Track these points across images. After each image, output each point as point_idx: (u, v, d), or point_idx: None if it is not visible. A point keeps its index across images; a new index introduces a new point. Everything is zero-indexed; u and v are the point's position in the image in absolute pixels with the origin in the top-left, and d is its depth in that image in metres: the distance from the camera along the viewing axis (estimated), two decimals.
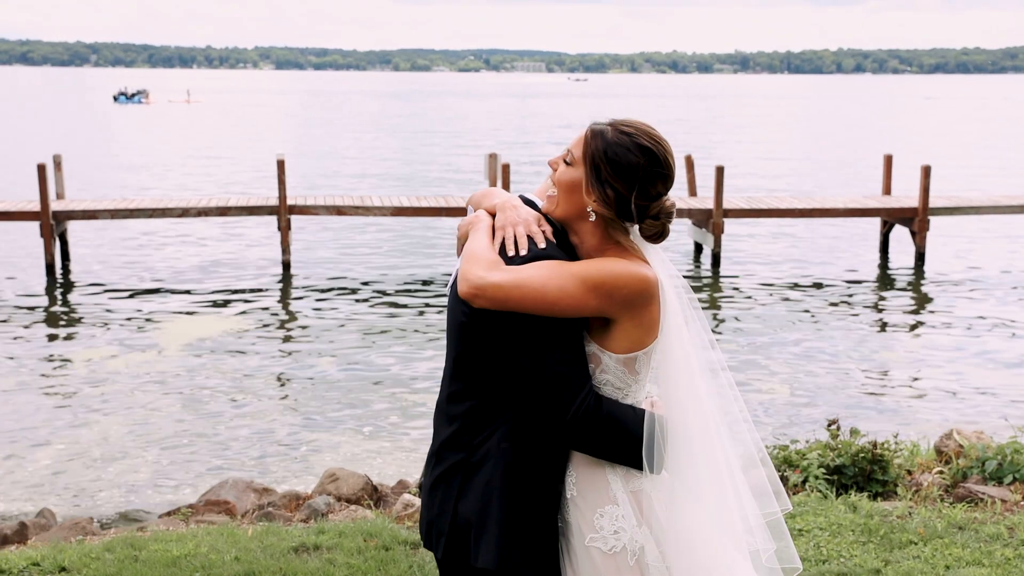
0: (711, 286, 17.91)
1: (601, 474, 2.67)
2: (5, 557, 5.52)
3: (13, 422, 10.82)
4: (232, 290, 17.27)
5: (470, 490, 2.66)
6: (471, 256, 2.63)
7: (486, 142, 48.31)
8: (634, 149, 2.63)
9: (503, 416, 2.66)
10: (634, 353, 2.66)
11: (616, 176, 2.63)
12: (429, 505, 2.75)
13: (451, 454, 2.71)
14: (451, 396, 2.75)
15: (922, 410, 11.40)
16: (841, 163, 41.33)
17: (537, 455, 2.66)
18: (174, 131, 58.88)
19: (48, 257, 17.83)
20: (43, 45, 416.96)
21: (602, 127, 2.69)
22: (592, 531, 2.65)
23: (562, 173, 2.71)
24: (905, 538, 5.59)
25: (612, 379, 2.67)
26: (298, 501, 7.14)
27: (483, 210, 2.84)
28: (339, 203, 18.82)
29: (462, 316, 2.68)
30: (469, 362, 2.70)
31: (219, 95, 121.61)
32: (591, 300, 2.57)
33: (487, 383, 2.67)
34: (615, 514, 2.64)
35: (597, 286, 2.57)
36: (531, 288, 2.53)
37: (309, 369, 12.84)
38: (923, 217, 18.85)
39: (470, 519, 2.65)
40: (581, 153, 2.68)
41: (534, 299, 2.53)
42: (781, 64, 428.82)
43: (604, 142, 2.65)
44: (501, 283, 2.53)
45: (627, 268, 2.62)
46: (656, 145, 2.66)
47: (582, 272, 2.58)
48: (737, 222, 21.34)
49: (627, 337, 2.64)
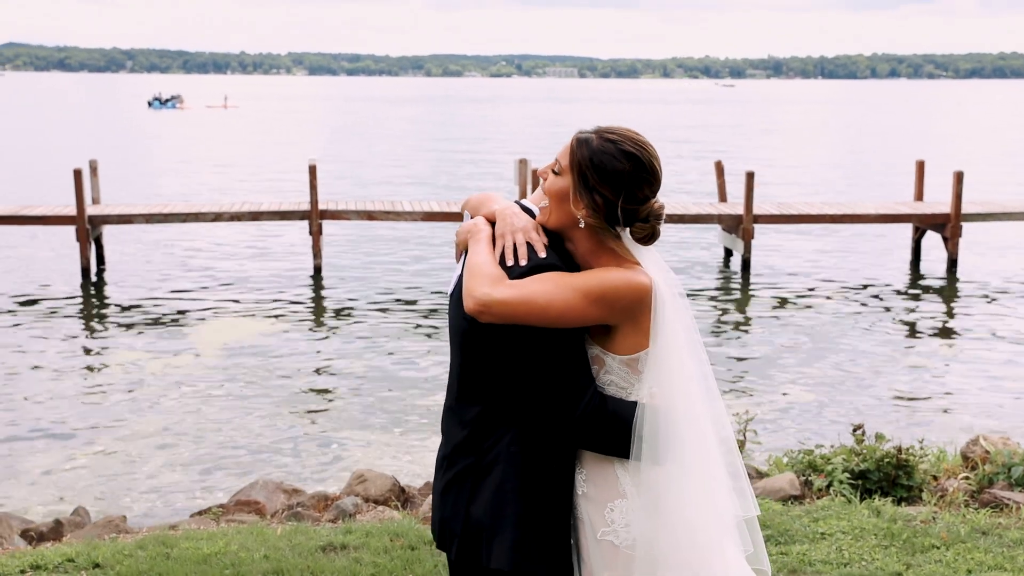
0: (741, 292, 17.90)
1: (610, 469, 2.73)
2: (41, 553, 5.65)
3: (50, 423, 11.00)
4: (264, 293, 17.44)
5: (481, 493, 2.73)
6: (474, 270, 2.69)
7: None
8: (619, 155, 2.69)
9: (511, 420, 2.72)
10: (636, 354, 2.73)
11: (602, 183, 2.69)
12: (442, 507, 2.83)
13: (462, 458, 2.78)
14: (459, 401, 2.82)
15: (949, 416, 11.36)
16: (873, 169, 41.10)
17: (546, 456, 2.73)
18: (208, 136, 59.37)
19: (84, 261, 18.08)
20: (80, 52, 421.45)
21: (587, 135, 2.75)
22: (604, 525, 2.72)
23: (551, 183, 2.78)
24: (928, 542, 5.62)
25: (616, 379, 2.74)
26: (326, 502, 7.23)
27: (482, 217, 2.88)
28: (370, 208, 18.98)
29: (465, 324, 2.75)
30: (474, 368, 2.77)
31: (254, 101, 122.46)
32: (593, 311, 2.65)
33: (493, 388, 2.74)
34: (625, 508, 2.71)
35: (598, 298, 2.64)
36: (536, 304, 2.60)
37: (340, 371, 12.97)
38: (955, 223, 18.75)
39: (482, 521, 2.72)
40: (568, 162, 2.74)
41: (539, 314, 2.61)
42: (815, 69, 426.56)
43: (589, 150, 2.71)
44: (506, 300, 2.60)
45: (624, 278, 2.68)
46: (640, 150, 2.71)
47: (583, 285, 2.65)
48: (767, 228, 21.29)
49: (628, 340, 2.72)
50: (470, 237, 2.83)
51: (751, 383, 12.44)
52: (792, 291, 17.87)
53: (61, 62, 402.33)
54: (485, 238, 2.79)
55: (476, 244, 2.78)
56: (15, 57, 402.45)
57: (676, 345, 2.73)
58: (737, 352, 13.97)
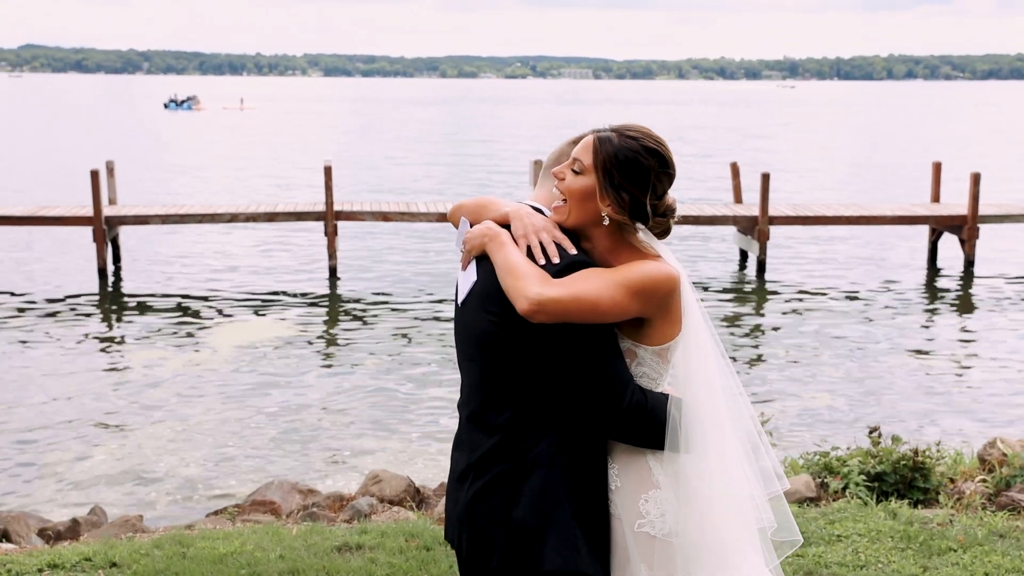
0: (756, 293, 17.86)
1: (643, 461, 2.74)
2: (59, 552, 5.68)
3: (67, 423, 11.05)
4: (280, 294, 17.49)
5: (523, 497, 2.68)
6: (516, 272, 2.65)
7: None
8: (643, 152, 2.73)
9: (547, 421, 2.70)
10: (667, 344, 2.76)
11: (629, 180, 2.72)
12: (473, 517, 2.75)
13: (495, 465, 2.72)
14: (486, 408, 2.77)
15: (967, 418, 11.31)
16: (889, 170, 40.96)
17: (587, 455, 2.72)
18: (223, 137, 59.57)
19: (100, 261, 18.16)
20: (97, 53, 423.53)
21: (607, 134, 2.77)
22: (639, 517, 2.72)
23: (572, 182, 2.77)
24: (944, 545, 5.59)
25: (648, 371, 2.77)
26: (342, 502, 7.25)
27: (490, 221, 2.84)
28: (385, 209, 19.02)
29: (492, 329, 2.71)
30: (503, 373, 2.73)
31: (270, 102, 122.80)
32: (634, 305, 2.67)
33: (524, 391, 2.70)
34: (659, 498, 2.72)
35: (639, 291, 2.66)
36: (587, 300, 2.61)
37: (356, 372, 12.99)
38: (972, 225, 18.68)
39: (528, 525, 2.66)
40: (591, 161, 2.74)
41: (590, 310, 2.62)
42: (830, 70, 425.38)
43: (614, 148, 2.73)
44: (560, 297, 2.59)
45: (657, 269, 2.71)
46: (660, 146, 2.76)
47: (624, 279, 2.66)
48: (783, 229, 21.25)
49: (659, 331, 2.75)
50: (488, 242, 2.78)
51: (767, 385, 12.41)
52: (807, 293, 17.82)
53: (78, 63, 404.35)
54: (509, 240, 2.76)
55: (501, 247, 2.74)
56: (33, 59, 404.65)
57: (698, 327, 2.78)
58: (753, 354, 13.94)
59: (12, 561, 5.53)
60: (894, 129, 74.05)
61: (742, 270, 19.72)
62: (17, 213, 18.39)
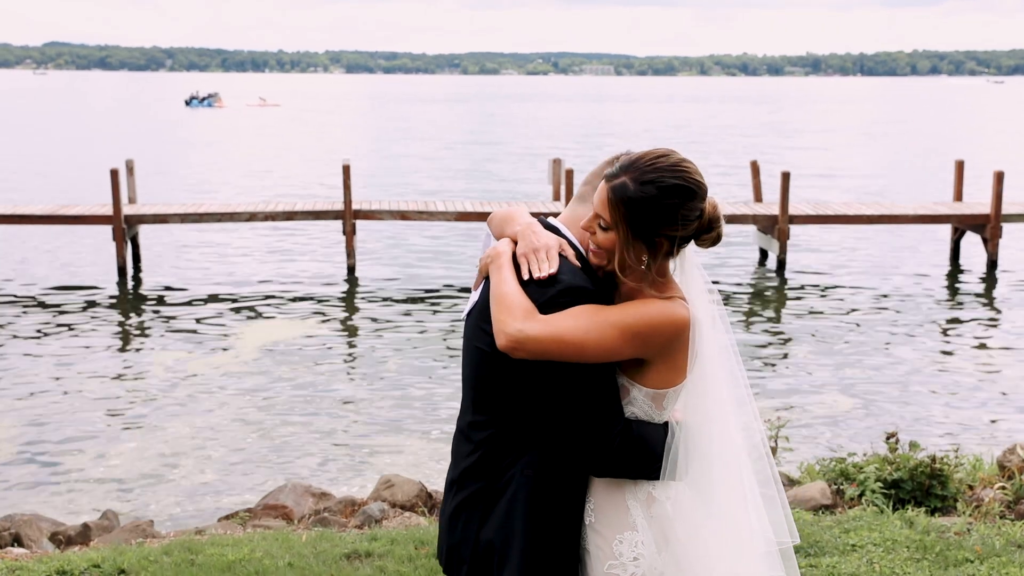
0: (776, 293, 17.74)
1: (621, 500, 2.66)
2: (68, 559, 5.67)
3: (86, 422, 11.08)
4: (298, 294, 17.50)
5: (492, 517, 2.67)
6: (502, 303, 2.58)
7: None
8: (664, 195, 2.57)
9: (525, 444, 2.65)
10: (664, 389, 2.66)
11: (657, 225, 2.59)
12: (450, 531, 2.76)
13: (471, 482, 2.71)
14: (472, 424, 2.75)
15: (987, 423, 11.19)
16: (912, 168, 40.67)
17: (561, 483, 2.67)
18: (244, 135, 59.73)
19: (120, 260, 18.22)
20: (120, 50, 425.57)
21: (620, 180, 2.60)
22: (611, 558, 2.64)
23: (603, 238, 2.64)
24: (961, 555, 5.51)
25: (638, 411, 2.67)
26: (353, 507, 7.23)
27: (507, 239, 2.77)
28: (403, 208, 19.00)
29: (483, 346, 2.68)
30: (489, 391, 2.69)
31: (291, 99, 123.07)
32: (627, 348, 2.57)
33: (508, 411, 2.66)
34: (635, 540, 2.64)
35: (635, 335, 2.56)
36: (571, 341, 2.52)
37: (374, 373, 12.97)
38: (995, 224, 18.49)
39: (493, 546, 2.66)
40: (611, 217, 2.61)
41: (572, 351, 2.53)
42: (854, 66, 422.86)
43: (630, 197, 2.57)
44: (540, 337, 2.50)
45: (662, 312, 2.59)
46: (680, 175, 2.59)
47: (619, 321, 2.55)
48: (803, 228, 21.10)
49: (658, 375, 2.64)
50: (491, 263, 2.72)
51: (785, 387, 12.32)
52: (827, 293, 17.69)
53: (102, 61, 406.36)
54: (507, 263, 2.67)
55: (498, 272, 2.66)
56: (57, 56, 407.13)
57: (713, 376, 2.66)
58: (771, 354, 13.84)
59: (21, 567, 5.53)
60: (917, 126, 73.52)
61: (762, 269, 19.60)
62: (37, 212, 18.48)
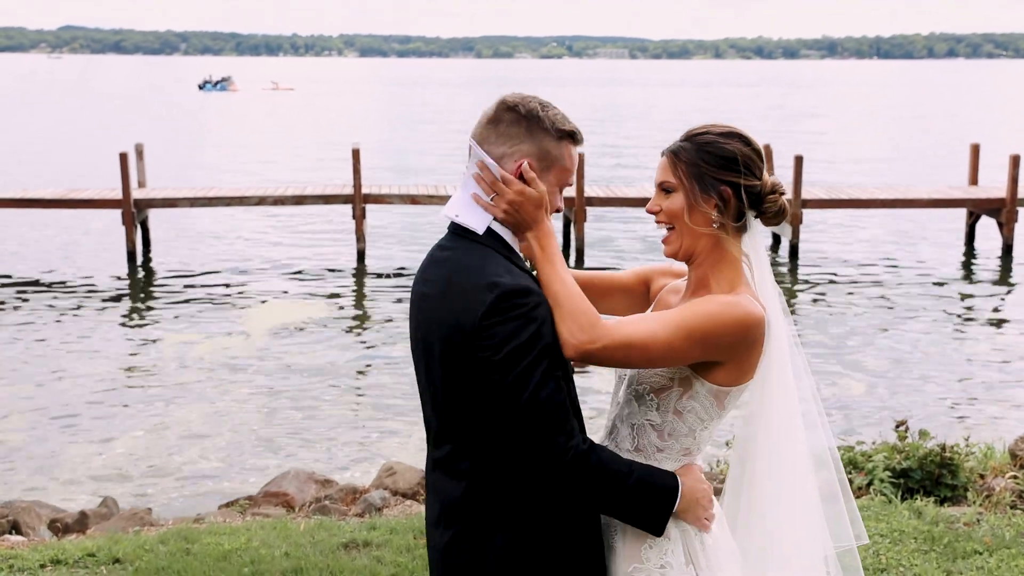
0: (789, 278, 17.59)
1: None
2: (63, 547, 5.61)
3: (93, 406, 11.04)
4: (307, 278, 17.44)
5: (487, 554, 2.42)
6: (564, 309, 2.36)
7: None
8: (721, 139, 2.56)
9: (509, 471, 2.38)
10: (728, 387, 2.52)
11: (721, 170, 2.54)
12: (444, 564, 2.49)
13: (459, 518, 2.44)
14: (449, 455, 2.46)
15: (1000, 410, 11.04)
16: (927, 152, 40.37)
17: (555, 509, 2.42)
18: (256, 119, 59.69)
19: (129, 244, 18.19)
20: (135, 34, 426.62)
21: (677, 144, 2.60)
22: (637, 561, 2.51)
23: (670, 203, 2.56)
24: (970, 547, 5.39)
25: (698, 407, 2.52)
26: (354, 495, 7.16)
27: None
28: (413, 192, 18.90)
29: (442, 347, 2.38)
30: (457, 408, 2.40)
31: (305, 83, 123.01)
32: (695, 351, 2.44)
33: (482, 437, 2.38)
34: (665, 548, 2.50)
35: (703, 338, 2.42)
36: (637, 347, 2.38)
37: (382, 358, 12.91)
38: (1011, 208, 18.29)
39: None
40: (674, 175, 2.55)
41: (639, 358, 2.40)
42: (870, 49, 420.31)
43: (690, 150, 2.56)
44: (608, 346, 2.35)
45: (732, 311, 2.45)
46: (734, 129, 2.59)
47: (686, 323, 2.41)
48: (816, 213, 20.91)
49: (725, 373, 2.51)
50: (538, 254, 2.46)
51: None
52: (841, 278, 17.54)
53: (117, 45, 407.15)
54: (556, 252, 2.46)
55: (547, 265, 2.43)
56: (72, 40, 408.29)
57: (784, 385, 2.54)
58: None
59: (16, 556, 5.47)
60: (933, 109, 73.00)
61: (774, 254, 19.44)
62: (47, 196, 18.46)
